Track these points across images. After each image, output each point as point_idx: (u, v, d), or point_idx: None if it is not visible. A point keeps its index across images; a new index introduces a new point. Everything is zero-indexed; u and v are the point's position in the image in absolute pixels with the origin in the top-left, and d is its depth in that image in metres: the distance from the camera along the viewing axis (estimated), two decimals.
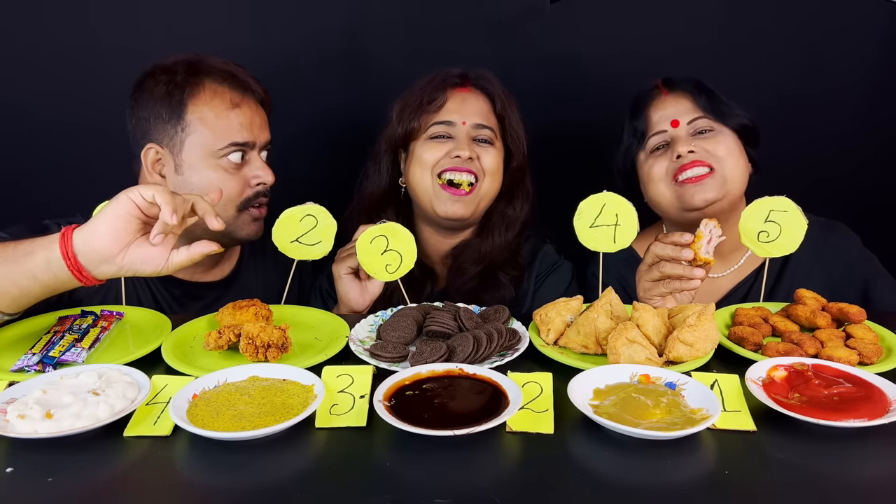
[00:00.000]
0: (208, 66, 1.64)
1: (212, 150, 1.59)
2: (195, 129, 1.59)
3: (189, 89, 1.60)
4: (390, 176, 1.83)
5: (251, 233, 1.68)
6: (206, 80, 1.62)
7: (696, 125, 1.69)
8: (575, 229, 1.51)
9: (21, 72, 2.13)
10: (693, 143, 1.66)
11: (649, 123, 1.74)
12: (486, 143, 1.75)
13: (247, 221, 1.67)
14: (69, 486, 0.93)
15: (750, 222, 1.49)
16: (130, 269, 1.25)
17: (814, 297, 1.44)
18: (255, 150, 1.66)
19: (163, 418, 1.06)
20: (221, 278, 1.82)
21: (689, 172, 1.65)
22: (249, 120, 1.64)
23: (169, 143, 1.61)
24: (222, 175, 1.61)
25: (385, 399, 1.07)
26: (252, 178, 1.65)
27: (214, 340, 1.28)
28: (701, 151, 1.65)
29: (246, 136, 1.62)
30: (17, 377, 1.18)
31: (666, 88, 1.75)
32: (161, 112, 1.60)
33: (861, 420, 1.01)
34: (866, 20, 2.20)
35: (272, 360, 1.24)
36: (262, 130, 1.67)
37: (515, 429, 1.04)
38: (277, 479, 0.94)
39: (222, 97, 1.62)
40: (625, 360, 1.20)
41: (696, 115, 1.69)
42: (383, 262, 1.50)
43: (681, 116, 1.70)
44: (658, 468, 0.95)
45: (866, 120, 2.28)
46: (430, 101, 1.72)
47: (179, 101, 1.59)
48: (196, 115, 1.59)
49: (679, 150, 1.65)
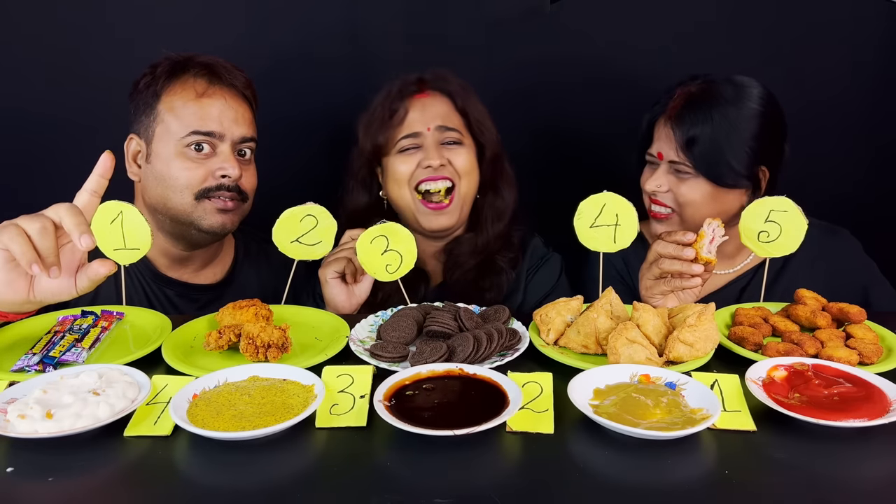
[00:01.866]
0: (192, 62, 1.67)
1: (175, 138, 1.62)
2: (163, 118, 1.63)
3: (164, 81, 1.64)
4: (369, 190, 1.84)
5: (215, 224, 1.66)
6: (185, 73, 1.66)
7: (675, 165, 1.68)
8: (575, 229, 1.51)
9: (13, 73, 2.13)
10: (664, 182, 1.70)
11: (651, 138, 1.75)
12: (455, 143, 1.74)
13: (209, 211, 1.65)
14: (69, 486, 0.93)
15: (750, 222, 1.49)
16: (49, 300, 1.22)
17: (814, 297, 1.44)
18: (225, 143, 1.65)
19: (163, 418, 1.06)
20: (215, 281, 1.83)
21: (653, 206, 1.73)
22: (219, 111, 1.64)
23: (144, 133, 1.66)
24: (184, 163, 1.62)
25: (385, 399, 1.07)
26: (217, 170, 1.64)
27: (215, 340, 1.28)
28: (667, 193, 1.70)
29: (211, 126, 1.62)
30: (17, 377, 1.18)
31: (673, 110, 1.68)
32: (140, 104, 1.66)
33: (861, 420, 1.01)
34: (866, 21, 2.20)
35: (272, 360, 1.24)
36: (236, 125, 1.66)
37: (515, 429, 1.04)
38: (277, 479, 0.94)
39: (191, 87, 1.64)
40: (625, 360, 1.20)
41: (676, 158, 1.67)
42: (383, 262, 1.50)
43: (666, 151, 1.69)
44: (658, 468, 0.95)
45: (865, 124, 2.28)
46: (392, 114, 1.73)
47: (154, 92, 1.65)
48: (166, 105, 1.64)
49: (647, 186, 1.72)
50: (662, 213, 1.71)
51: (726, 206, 1.70)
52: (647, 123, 1.76)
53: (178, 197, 1.63)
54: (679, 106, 1.67)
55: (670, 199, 1.69)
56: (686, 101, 1.67)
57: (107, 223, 1.46)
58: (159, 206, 1.66)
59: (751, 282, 1.79)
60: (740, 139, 1.64)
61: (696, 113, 1.64)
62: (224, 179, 1.64)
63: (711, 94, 1.66)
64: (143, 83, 1.67)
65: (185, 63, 1.66)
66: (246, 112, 1.70)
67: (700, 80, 1.70)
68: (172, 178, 1.63)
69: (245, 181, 1.69)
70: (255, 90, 1.74)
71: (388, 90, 1.77)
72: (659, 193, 1.69)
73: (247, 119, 1.70)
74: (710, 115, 1.63)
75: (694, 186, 1.66)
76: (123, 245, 1.46)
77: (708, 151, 1.63)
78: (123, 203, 1.46)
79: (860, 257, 1.79)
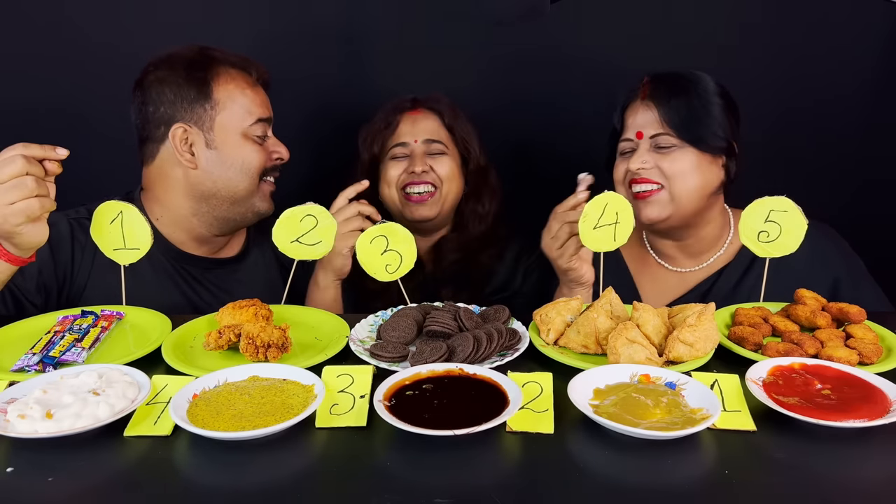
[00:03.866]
0: (215, 52, 1.73)
1: (242, 125, 1.69)
2: (224, 106, 1.68)
3: (209, 71, 1.69)
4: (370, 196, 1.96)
5: (264, 208, 1.78)
6: (219, 64, 1.71)
7: (657, 140, 1.69)
8: (579, 231, 1.51)
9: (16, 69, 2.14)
10: (648, 158, 1.69)
11: (623, 125, 1.78)
12: (439, 154, 1.96)
13: (265, 193, 1.76)
14: (69, 486, 0.93)
15: (750, 222, 1.49)
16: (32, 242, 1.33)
17: (814, 297, 1.44)
18: (270, 127, 1.77)
19: (163, 418, 1.06)
20: (233, 255, 1.88)
21: (637, 187, 1.72)
22: (263, 99, 1.76)
23: (198, 121, 1.68)
24: (252, 147, 1.71)
25: (385, 399, 1.07)
26: (273, 153, 1.76)
27: (215, 340, 1.28)
28: (653, 169, 1.69)
29: (266, 112, 1.75)
30: (17, 377, 1.19)
31: (646, 91, 1.74)
32: (188, 93, 1.67)
33: (861, 420, 1.01)
34: (866, 21, 2.19)
35: (272, 359, 1.24)
36: (269, 111, 1.77)
37: (515, 429, 1.04)
38: (277, 478, 0.95)
39: (239, 78, 1.72)
40: (624, 360, 1.20)
41: (660, 130, 1.69)
42: (383, 262, 1.50)
43: (646, 128, 1.71)
44: (658, 468, 0.95)
45: (864, 124, 2.28)
46: (387, 125, 1.95)
47: (204, 81, 1.68)
48: (223, 93, 1.68)
49: (632, 164, 1.70)
50: (648, 191, 1.70)
51: (710, 176, 1.71)
52: (620, 111, 1.79)
53: (247, 180, 1.71)
54: (654, 85, 1.74)
55: (656, 174, 1.69)
56: (660, 81, 1.74)
57: (106, 223, 1.46)
58: (222, 191, 1.71)
59: (715, 284, 1.79)
60: (717, 109, 1.71)
61: (673, 87, 1.72)
62: (277, 161, 1.77)
63: (681, 76, 1.75)
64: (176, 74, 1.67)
65: (207, 52, 1.72)
66: (266, 97, 1.79)
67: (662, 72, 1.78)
68: (244, 162, 1.70)
69: None
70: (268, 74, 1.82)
71: (385, 107, 1.98)
72: (644, 171, 1.69)
73: (267, 103, 1.79)
74: (688, 88, 1.71)
75: (679, 157, 1.68)
76: (123, 245, 1.46)
77: (691, 118, 1.68)
78: (123, 203, 1.46)
79: (845, 252, 1.78)
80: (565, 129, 2.28)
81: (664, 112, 1.69)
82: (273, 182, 1.79)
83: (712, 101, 1.70)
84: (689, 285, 1.82)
